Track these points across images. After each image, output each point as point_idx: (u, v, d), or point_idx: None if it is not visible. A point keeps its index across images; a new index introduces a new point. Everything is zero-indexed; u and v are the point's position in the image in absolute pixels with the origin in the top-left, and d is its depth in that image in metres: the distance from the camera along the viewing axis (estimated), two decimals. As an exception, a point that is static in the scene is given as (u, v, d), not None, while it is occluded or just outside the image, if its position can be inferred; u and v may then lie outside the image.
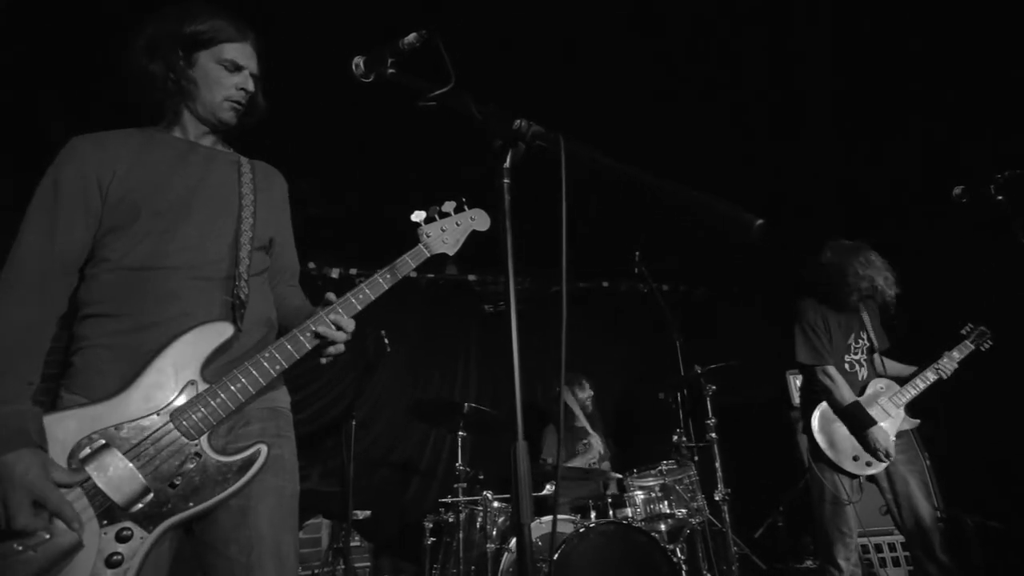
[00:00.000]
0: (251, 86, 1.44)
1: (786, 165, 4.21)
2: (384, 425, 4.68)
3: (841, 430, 2.73)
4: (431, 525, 3.41)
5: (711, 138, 3.97)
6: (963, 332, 2.93)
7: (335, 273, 4.74)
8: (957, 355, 2.85)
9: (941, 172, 3.58)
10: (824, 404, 2.79)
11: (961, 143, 3.75)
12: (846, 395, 2.75)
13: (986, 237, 3.53)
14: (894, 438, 2.72)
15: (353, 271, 4.77)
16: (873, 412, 2.72)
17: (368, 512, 3.76)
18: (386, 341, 3.47)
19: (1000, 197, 2.21)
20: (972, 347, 2.89)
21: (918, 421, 2.81)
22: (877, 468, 2.69)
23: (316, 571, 3.71)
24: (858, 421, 2.70)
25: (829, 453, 2.70)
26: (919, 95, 3.59)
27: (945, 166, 3.77)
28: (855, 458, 2.69)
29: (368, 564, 3.93)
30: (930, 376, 2.82)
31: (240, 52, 1.41)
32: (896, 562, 3.70)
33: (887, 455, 2.65)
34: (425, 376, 4.99)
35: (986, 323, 2.94)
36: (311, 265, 4.66)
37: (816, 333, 2.83)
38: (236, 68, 1.41)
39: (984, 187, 2.27)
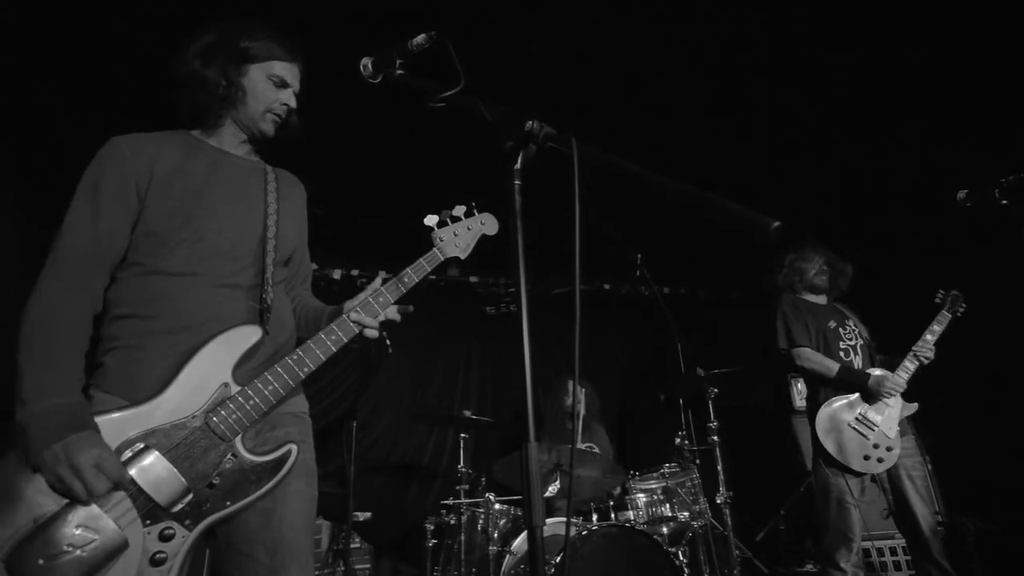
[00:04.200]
0: (293, 103, 1.51)
1: (785, 168, 4.22)
2: (385, 426, 4.68)
3: (848, 431, 2.74)
4: (432, 527, 3.40)
5: (711, 144, 3.98)
6: (937, 300, 2.95)
7: (337, 274, 4.74)
8: (937, 328, 2.87)
9: (941, 175, 3.59)
10: (829, 408, 2.79)
11: (961, 144, 3.76)
12: (830, 365, 2.82)
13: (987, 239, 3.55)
14: (897, 427, 2.75)
15: (355, 272, 4.77)
16: (874, 403, 2.76)
17: (368, 514, 3.75)
18: (388, 342, 3.46)
19: (1004, 201, 2.20)
20: (949, 315, 2.91)
21: (915, 406, 2.83)
22: (887, 464, 2.70)
23: (316, 572, 3.70)
24: (852, 383, 2.78)
25: (838, 457, 2.70)
26: (920, 97, 3.61)
27: (945, 169, 3.78)
28: (866, 457, 2.70)
29: (368, 566, 3.90)
30: (917, 354, 2.83)
31: (289, 71, 1.50)
32: (897, 566, 3.70)
33: (895, 388, 2.72)
34: (426, 378, 4.98)
35: (958, 287, 2.96)
36: (313, 266, 4.64)
37: (789, 318, 2.96)
38: (283, 85, 1.49)
39: (988, 190, 2.26)
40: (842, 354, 2.90)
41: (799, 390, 4.70)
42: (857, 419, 2.75)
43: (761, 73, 3.50)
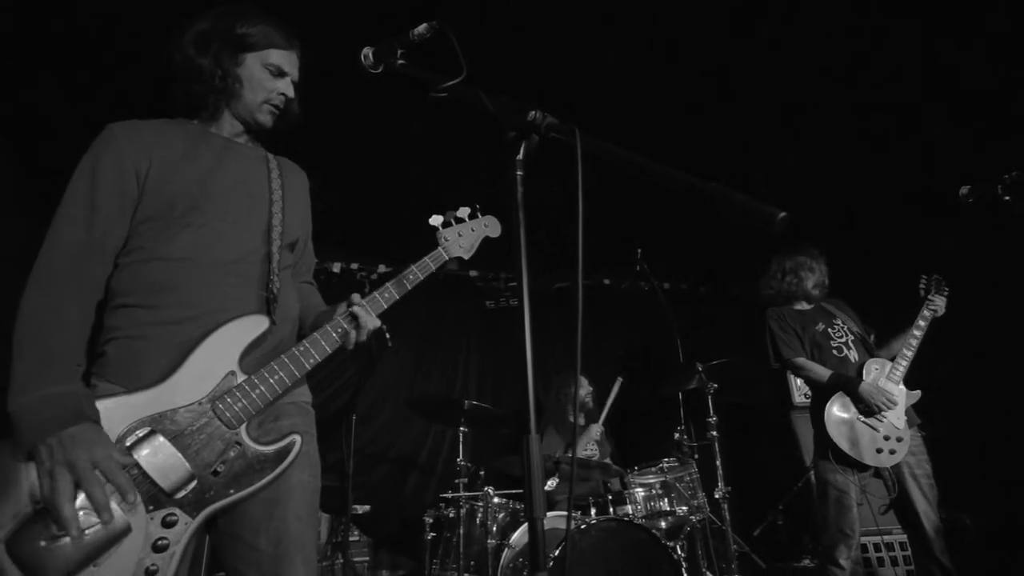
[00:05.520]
0: (291, 92, 1.47)
1: (782, 165, 4.21)
2: (384, 420, 4.68)
3: (859, 426, 2.75)
4: (431, 520, 3.40)
5: (713, 139, 3.96)
6: (921, 286, 2.94)
7: (336, 267, 4.73)
8: (928, 314, 2.89)
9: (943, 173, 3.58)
10: (837, 403, 2.79)
11: (962, 143, 3.75)
12: (821, 373, 2.87)
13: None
14: (904, 416, 2.76)
15: (355, 265, 4.76)
16: (869, 415, 2.76)
17: (367, 507, 3.76)
18: (387, 336, 3.45)
19: (1007, 197, 2.19)
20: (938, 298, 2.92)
21: (918, 393, 2.85)
22: (899, 456, 2.71)
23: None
24: (844, 387, 2.79)
25: (852, 452, 2.71)
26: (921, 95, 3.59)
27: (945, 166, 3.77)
28: (878, 451, 2.71)
29: (367, 559, 3.91)
30: (913, 342, 2.84)
31: (286, 59, 1.46)
32: (895, 562, 3.70)
33: (888, 403, 2.71)
34: (426, 371, 4.98)
35: (939, 271, 2.97)
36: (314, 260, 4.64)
37: (776, 335, 3.01)
38: (280, 74, 1.45)
39: (991, 187, 2.25)
40: (835, 352, 2.91)
41: (798, 386, 4.70)
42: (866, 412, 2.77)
43: (761, 69, 3.49)
